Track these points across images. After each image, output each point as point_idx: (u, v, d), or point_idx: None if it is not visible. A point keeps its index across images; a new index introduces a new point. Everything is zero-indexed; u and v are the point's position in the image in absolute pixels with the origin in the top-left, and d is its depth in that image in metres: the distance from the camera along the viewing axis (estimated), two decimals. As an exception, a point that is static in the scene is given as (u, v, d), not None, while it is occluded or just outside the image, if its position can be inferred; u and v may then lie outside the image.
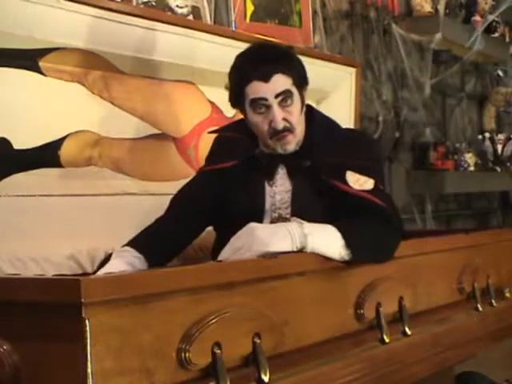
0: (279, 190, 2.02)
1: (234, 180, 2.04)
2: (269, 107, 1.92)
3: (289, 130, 1.95)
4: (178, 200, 2.11)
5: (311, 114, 2.08)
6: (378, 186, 1.97)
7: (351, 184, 1.94)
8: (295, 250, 1.74)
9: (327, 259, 1.79)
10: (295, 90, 1.96)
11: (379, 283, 1.96)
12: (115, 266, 1.88)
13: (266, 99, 1.92)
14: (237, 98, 1.98)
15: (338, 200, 1.94)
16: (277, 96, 1.92)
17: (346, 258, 1.80)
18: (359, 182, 1.95)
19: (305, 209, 1.97)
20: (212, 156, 2.16)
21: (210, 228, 2.18)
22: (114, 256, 1.94)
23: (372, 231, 1.89)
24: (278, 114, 1.92)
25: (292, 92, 1.94)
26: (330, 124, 2.12)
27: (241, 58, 1.99)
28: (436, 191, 4.41)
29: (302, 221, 1.78)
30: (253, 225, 1.76)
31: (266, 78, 1.91)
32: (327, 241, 1.77)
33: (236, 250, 1.72)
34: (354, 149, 2.03)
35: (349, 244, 1.79)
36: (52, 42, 2.21)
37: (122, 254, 1.94)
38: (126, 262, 1.89)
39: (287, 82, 1.94)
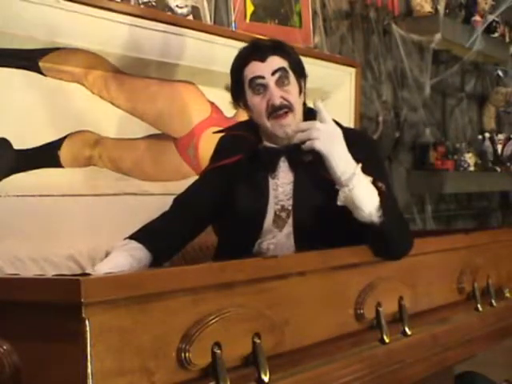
0: (281, 182, 2.05)
1: (238, 175, 2.07)
2: (266, 86, 1.99)
3: (288, 107, 1.99)
4: (182, 198, 2.13)
5: (310, 110, 2.10)
6: (375, 185, 1.97)
7: None
8: (342, 178, 1.83)
9: (327, 259, 1.80)
10: (291, 73, 2.03)
11: (379, 283, 1.96)
12: (116, 258, 1.89)
13: (263, 77, 1.99)
14: (237, 85, 2.04)
15: (337, 194, 1.95)
16: (273, 73, 1.99)
17: (375, 219, 1.85)
18: None
19: (306, 200, 2.01)
20: (216, 155, 2.18)
21: (210, 228, 2.18)
22: (115, 248, 1.95)
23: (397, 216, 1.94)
24: (275, 91, 1.99)
25: (288, 72, 2.01)
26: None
27: (240, 51, 2.08)
28: (436, 191, 4.41)
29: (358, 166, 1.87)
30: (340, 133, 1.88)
31: (262, 59, 2.00)
32: (367, 192, 1.85)
33: (307, 128, 1.84)
34: (354, 147, 2.03)
35: (382, 206, 1.85)
36: (52, 42, 2.21)
37: (122, 246, 1.94)
38: (128, 253, 1.90)
39: (283, 63, 2.02)
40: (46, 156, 2.26)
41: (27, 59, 2.18)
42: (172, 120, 2.61)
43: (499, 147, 4.93)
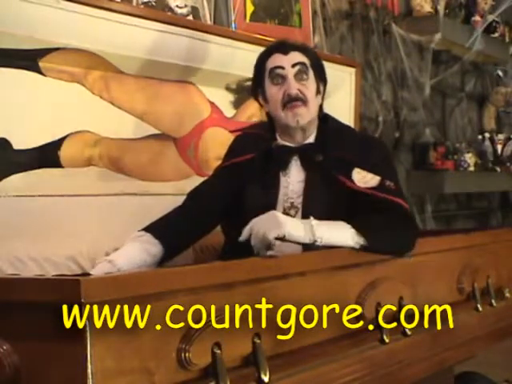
0: (292, 180, 2.08)
1: (250, 173, 2.10)
2: (285, 78, 2.04)
3: (302, 100, 2.04)
4: (196, 193, 2.15)
5: (325, 116, 2.17)
6: (383, 184, 2.02)
7: (356, 181, 2.01)
8: (308, 241, 1.83)
9: (327, 259, 1.80)
10: (311, 70, 2.08)
11: (379, 283, 1.96)
12: (132, 250, 1.90)
13: (282, 67, 2.04)
14: (258, 76, 2.09)
15: (347, 194, 2.01)
16: (293, 66, 2.05)
17: (362, 242, 1.87)
18: (364, 180, 2.02)
19: (316, 199, 2.04)
20: (230, 152, 2.22)
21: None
22: (130, 240, 1.95)
23: (384, 221, 1.96)
24: (293, 82, 2.04)
25: (308, 68, 2.07)
26: (344, 125, 2.23)
27: (264, 49, 2.14)
28: (436, 191, 4.41)
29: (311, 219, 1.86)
30: (275, 212, 1.88)
31: (285, 52, 2.07)
32: (337, 230, 1.87)
33: (254, 228, 1.80)
34: (364, 148, 2.10)
35: (360, 230, 1.87)
36: (52, 42, 2.21)
37: (138, 238, 1.95)
38: (143, 247, 1.91)
39: (304, 59, 2.08)
40: (46, 156, 2.26)
41: (27, 59, 2.18)
42: (172, 120, 2.61)
43: (499, 147, 4.92)
